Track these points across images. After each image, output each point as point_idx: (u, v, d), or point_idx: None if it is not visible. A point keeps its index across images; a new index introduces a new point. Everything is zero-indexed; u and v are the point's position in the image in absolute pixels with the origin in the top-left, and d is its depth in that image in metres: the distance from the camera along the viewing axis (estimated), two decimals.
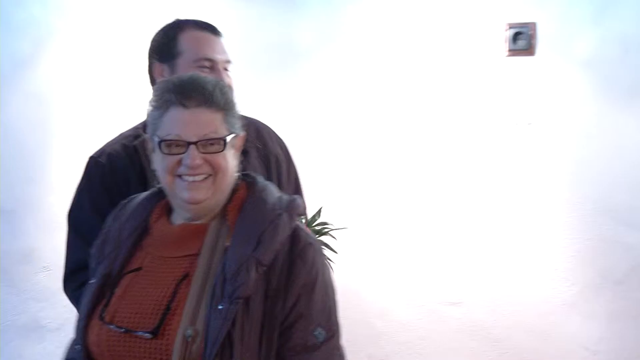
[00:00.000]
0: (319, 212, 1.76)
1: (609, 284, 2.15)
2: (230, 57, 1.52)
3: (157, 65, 1.59)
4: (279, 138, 1.58)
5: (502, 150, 2.21)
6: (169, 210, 1.06)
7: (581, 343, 2.17)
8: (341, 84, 2.27)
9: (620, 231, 2.13)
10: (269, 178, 1.35)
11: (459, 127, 2.23)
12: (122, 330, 0.96)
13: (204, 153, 0.98)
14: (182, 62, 1.58)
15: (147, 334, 0.94)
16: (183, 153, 0.98)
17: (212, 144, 0.98)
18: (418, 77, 2.23)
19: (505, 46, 2.18)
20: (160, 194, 1.08)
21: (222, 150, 0.99)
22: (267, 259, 0.95)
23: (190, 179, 0.98)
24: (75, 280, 1.51)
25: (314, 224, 1.72)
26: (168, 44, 1.62)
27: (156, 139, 1.00)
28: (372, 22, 2.24)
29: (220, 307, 0.92)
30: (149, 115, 1.03)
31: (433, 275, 2.22)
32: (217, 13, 2.12)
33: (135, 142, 1.52)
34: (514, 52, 2.18)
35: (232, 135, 1.01)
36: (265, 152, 1.52)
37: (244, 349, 0.92)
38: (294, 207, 1.02)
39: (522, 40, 2.17)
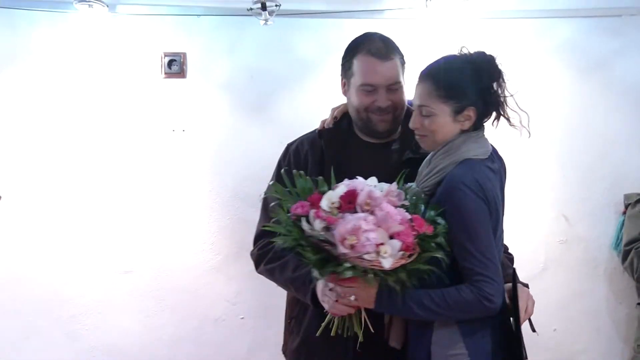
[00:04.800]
0: None
1: (244, 252, 2.80)
2: (398, 76, 1.74)
3: (342, 79, 1.84)
4: None
5: (162, 151, 2.80)
6: None
7: (225, 297, 2.85)
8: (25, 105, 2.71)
9: (250, 212, 2.77)
10: None
11: (134, 135, 2.79)
12: None
13: None
14: (353, 82, 1.79)
15: None
16: None
17: None
18: (97, 101, 2.77)
19: (162, 71, 2.78)
20: None
21: None
22: None
23: None
24: (256, 245, 1.85)
25: None
26: (346, 64, 1.81)
27: None
28: (52, 48, 2.74)
29: None
30: None
31: (109, 247, 2.79)
32: None
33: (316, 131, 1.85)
34: (170, 75, 2.79)
35: None
36: None
37: None
38: None
39: (176, 66, 2.79)
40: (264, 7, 2.56)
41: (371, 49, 1.77)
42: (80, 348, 2.76)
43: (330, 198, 1.45)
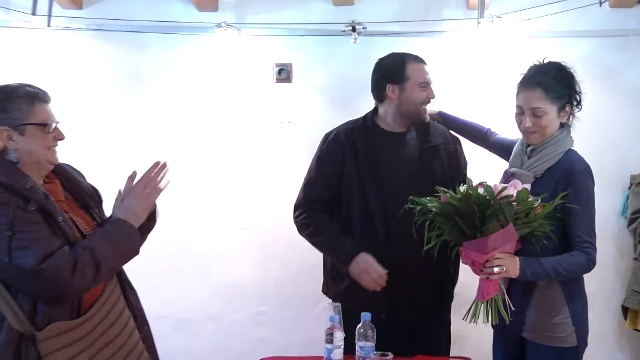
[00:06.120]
0: None
1: None
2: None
3: (390, 86, 2.32)
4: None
5: (273, 138, 3.64)
6: None
7: None
8: (173, 104, 3.59)
9: None
10: None
11: (253, 126, 3.66)
12: None
13: None
14: (409, 84, 2.28)
15: None
16: None
17: None
18: (226, 100, 3.62)
19: (274, 77, 3.65)
20: None
21: None
22: None
23: None
24: (296, 213, 2.45)
25: None
26: (398, 71, 2.29)
27: None
28: (194, 62, 3.65)
29: None
30: None
31: (232, 210, 3.69)
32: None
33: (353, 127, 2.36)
34: (279, 80, 3.64)
35: None
36: None
37: None
38: None
39: (284, 73, 3.65)
40: (353, 29, 3.42)
41: (417, 59, 2.36)
42: (211, 284, 3.65)
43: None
